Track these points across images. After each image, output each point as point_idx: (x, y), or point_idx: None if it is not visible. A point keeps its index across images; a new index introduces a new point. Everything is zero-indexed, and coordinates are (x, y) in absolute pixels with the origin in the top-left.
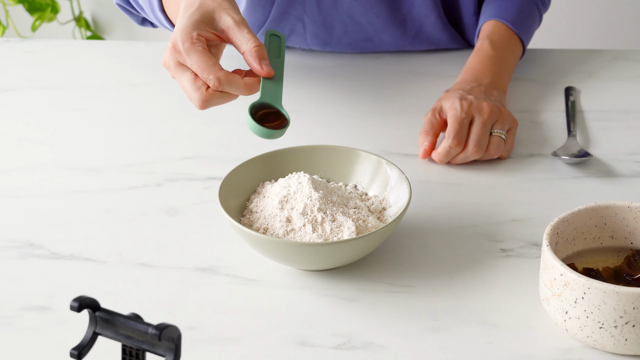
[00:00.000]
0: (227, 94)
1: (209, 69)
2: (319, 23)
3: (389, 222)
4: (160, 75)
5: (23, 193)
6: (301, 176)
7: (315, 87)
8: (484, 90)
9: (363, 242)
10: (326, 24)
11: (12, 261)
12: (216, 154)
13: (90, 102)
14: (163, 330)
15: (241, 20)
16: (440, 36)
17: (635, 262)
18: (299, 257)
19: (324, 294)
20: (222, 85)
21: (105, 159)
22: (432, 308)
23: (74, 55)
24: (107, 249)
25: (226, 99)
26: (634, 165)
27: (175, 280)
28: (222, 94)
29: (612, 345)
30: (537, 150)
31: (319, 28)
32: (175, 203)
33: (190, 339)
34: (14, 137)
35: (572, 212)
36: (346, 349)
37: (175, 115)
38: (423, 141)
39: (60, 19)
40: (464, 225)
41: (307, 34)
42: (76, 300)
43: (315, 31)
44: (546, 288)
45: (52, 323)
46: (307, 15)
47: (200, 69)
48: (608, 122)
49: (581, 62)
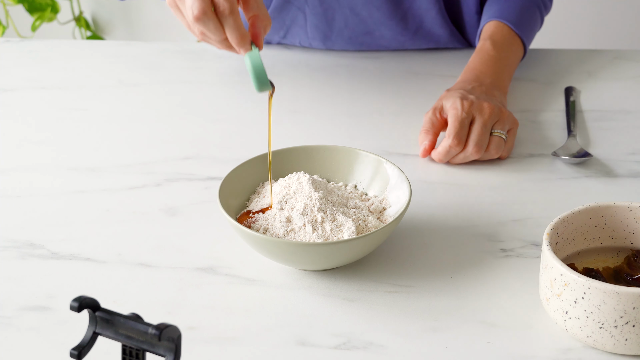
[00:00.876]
0: (221, 29)
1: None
2: (320, 14)
3: (389, 222)
4: (160, 75)
5: (23, 193)
6: (301, 176)
7: (315, 87)
8: (485, 90)
9: (363, 242)
10: (327, 15)
11: (12, 261)
12: (216, 154)
13: (90, 102)
14: (163, 330)
15: None
16: (440, 33)
17: (635, 262)
18: (299, 257)
19: (324, 294)
20: (230, 11)
21: (105, 159)
22: (432, 308)
23: (74, 55)
24: (107, 249)
25: (218, 34)
26: (634, 165)
27: (175, 280)
28: (219, 24)
29: (612, 345)
30: (537, 150)
31: (319, 20)
32: (175, 203)
33: (190, 339)
34: (14, 137)
35: (572, 212)
36: (346, 349)
37: (175, 115)
38: (423, 140)
39: (60, 19)
40: (464, 225)
41: (308, 26)
42: (76, 300)
43: (316, 23)
44: (546, 288)
45: (52, 323)
46: (308, 6)
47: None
48: (608, 122)
49: (581, 62)
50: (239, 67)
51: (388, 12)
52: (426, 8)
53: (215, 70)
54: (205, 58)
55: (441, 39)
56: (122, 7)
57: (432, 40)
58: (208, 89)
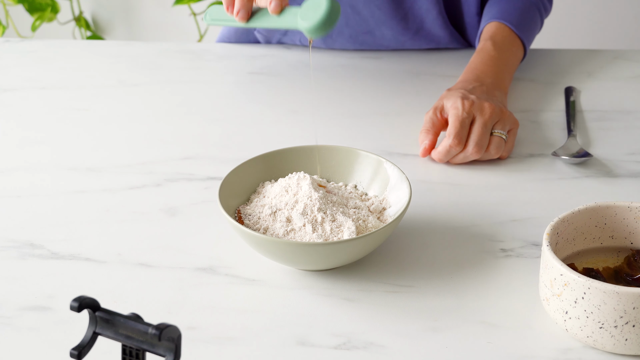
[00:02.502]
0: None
1: None
2: None
3: (389, 222)
4: (160, 75)
5: (23, 193)
6: (301, 176)
7: (316, 87)
8: (486, 90)
9: (363, 242)
10: None
11: (12, 261)
12: (216, 154)
13: (90, 102)
14: (163, 330)
15: None
16: (441, 34)
17: (635, 262)
18: (299, 257)
19: (324, 294)
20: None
21: (105, 159)
22: (432, 308)
23: (74, 55)
24: (107, 249)
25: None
26: (634, 165)
27: (175, 280)
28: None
29: (612, 345)
30: (537, 150)
31: None
32: (175, 203)
33: (190, 339)
34: (14, 137)
35: (572, 212)
36: (346, 349)
37: (175, 115)
38: (423, 139)
39: (60, 19)
40: (464, 225)
41: None
42: (76, 300)
43: None
44: (546, 288)
45: (52, 323)
46: None
47: None
48: (608, 122)
49: (581, 62)
50: (239, 67)
51: (389, 11)
52: (427, 9)
53: (215, 70)
54: (205, 58)
55: (442, 40)
56: (122, 7)
57: (432, 41)
58: (208, 89)
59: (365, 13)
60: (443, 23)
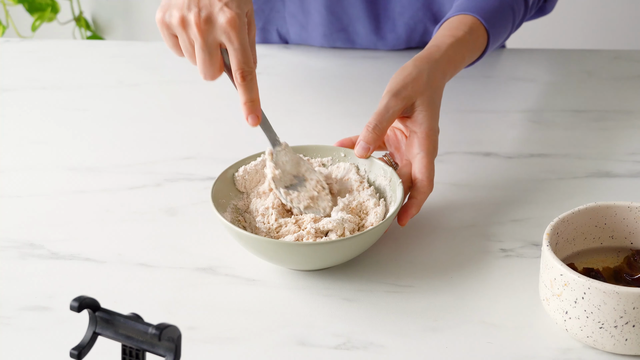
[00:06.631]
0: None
1: (248, 54)
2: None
3: (384, 220)
4: (160, 75)
5: (23, 193)
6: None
7: (315, 87)
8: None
9: (355, 242)
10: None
11: (12, 261)
12: (216, 154)
13: (90, 102)
14: (163, 330)
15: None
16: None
17: (635, 262)
18: (290, 257)
19: (324, 294)
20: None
21: (105, 159)
22: (432, 308)
23: (74, 55)
24: (107, 249)
25: (214, 70)
26: (634, 165)
27: (175, 280)
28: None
29: (612, 345)
30: (537, 150)
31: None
32: (175, 203)
33: (190, 339)
34: (14, 137)
35: (572, 212)
36: (346, 349)
37: (175, 115)
38: (369, 144)
39: (60, 19)
40: (464, 225)
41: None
42: (76, 300)
43: (293, 11)
44: (546, 288)
45: (52, 323)
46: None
47: (242, 48)
48: (608, 122)
49: (581, 62)
50: None
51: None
52: (399, 12)
53: None
54: None
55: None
56: (122, 7)
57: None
58: (208, 89)
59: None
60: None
